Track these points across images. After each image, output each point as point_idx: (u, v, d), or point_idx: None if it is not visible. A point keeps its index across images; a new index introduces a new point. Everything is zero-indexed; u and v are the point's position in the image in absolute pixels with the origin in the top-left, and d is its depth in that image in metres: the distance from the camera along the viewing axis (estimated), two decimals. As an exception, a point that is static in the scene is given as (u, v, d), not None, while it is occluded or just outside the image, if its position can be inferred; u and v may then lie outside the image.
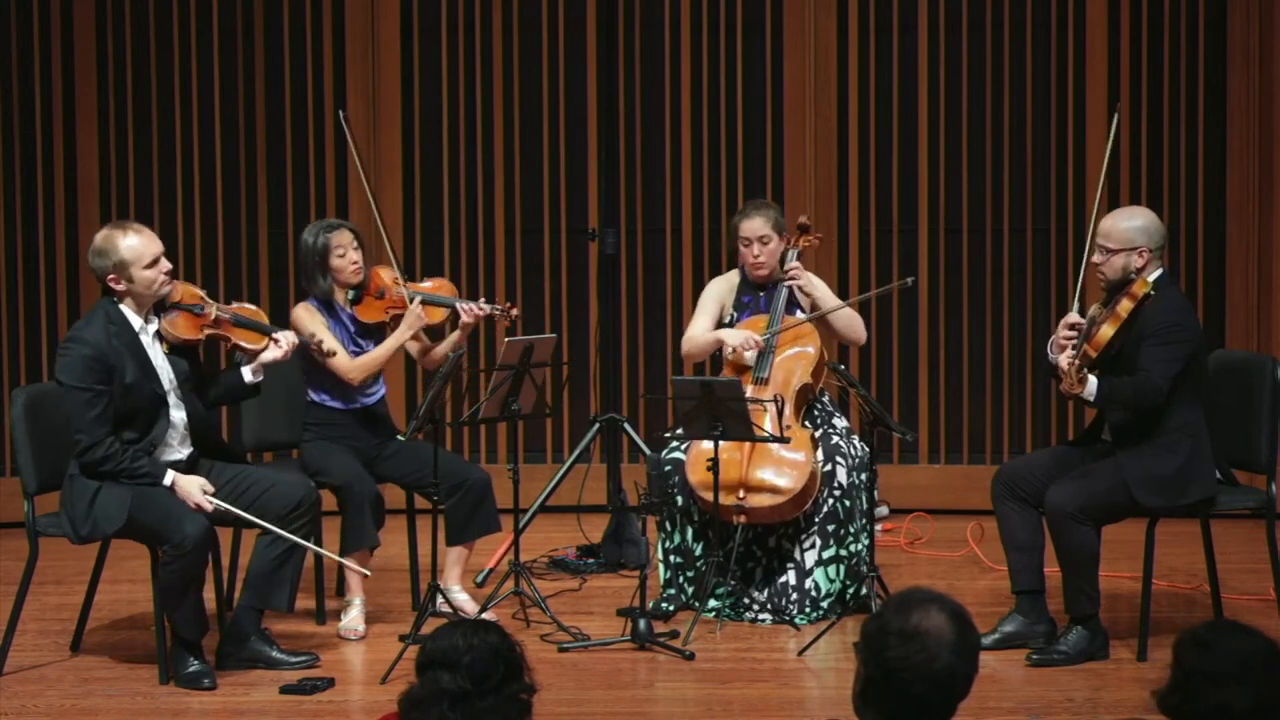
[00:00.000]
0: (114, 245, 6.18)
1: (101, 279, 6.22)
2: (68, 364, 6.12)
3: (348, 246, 6.84)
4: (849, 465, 6.91)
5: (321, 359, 6.65)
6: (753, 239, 7.12)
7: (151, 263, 6.19)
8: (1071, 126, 8.80)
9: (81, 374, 6.08)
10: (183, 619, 6.08)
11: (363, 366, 6.85)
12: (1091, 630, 6.34)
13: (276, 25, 8.89)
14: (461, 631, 3.46)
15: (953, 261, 8.92)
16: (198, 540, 5.98)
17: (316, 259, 6.83)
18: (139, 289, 6.19)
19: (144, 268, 6.18)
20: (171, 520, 6.01)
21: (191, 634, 6.10)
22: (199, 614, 6.14)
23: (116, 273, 6.17)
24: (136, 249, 6.18)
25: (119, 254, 6.17)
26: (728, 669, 6.31)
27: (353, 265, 6.85)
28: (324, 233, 6.85)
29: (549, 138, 8.95)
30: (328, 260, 6.83)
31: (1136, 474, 6.25)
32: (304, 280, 6.93)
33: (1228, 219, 8.76)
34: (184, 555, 5.97)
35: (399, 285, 6.93)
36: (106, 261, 6.17)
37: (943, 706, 3.26)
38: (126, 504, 6.03)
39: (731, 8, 8.88)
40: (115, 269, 6.17)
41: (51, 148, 8.86)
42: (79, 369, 6.08)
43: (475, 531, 6.84)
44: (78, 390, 6.07)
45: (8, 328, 8.87)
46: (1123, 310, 6.25)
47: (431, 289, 7.02)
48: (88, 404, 6.06)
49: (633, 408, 8.77)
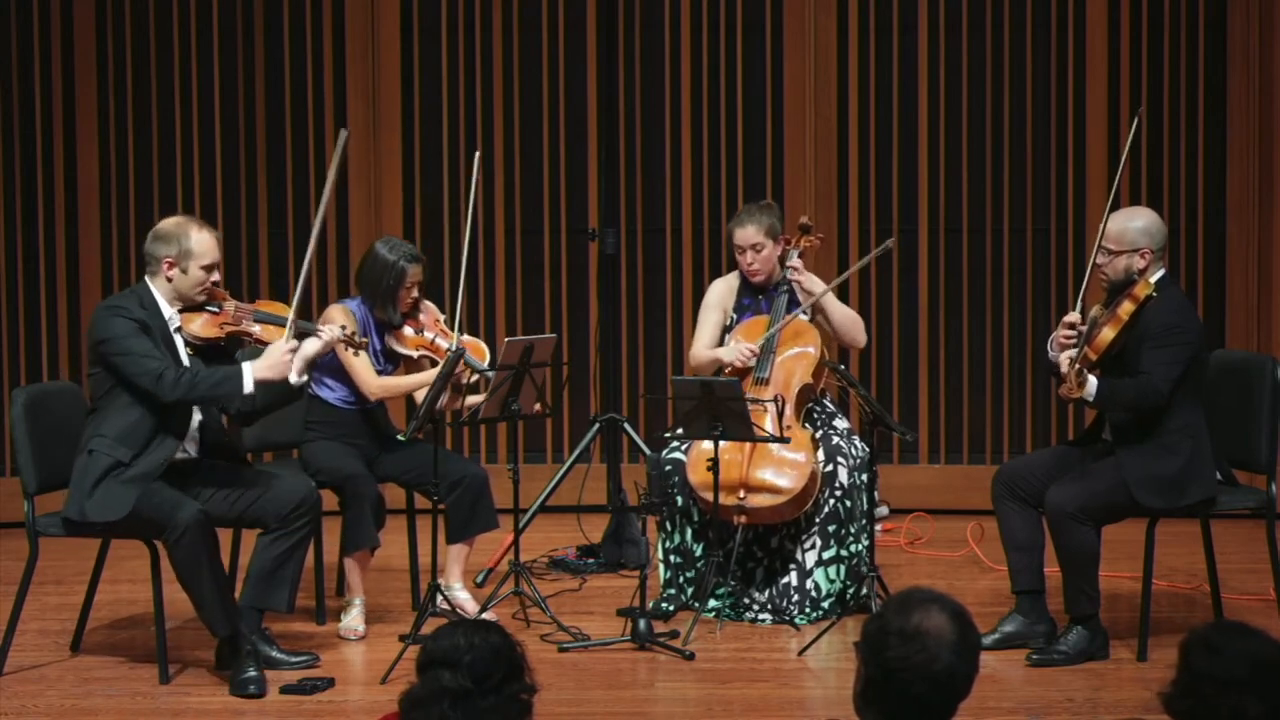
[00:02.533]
0: (186, 233, 6.18)
1: (154, 261, 6.18)
2: (109, 324, 6.08)
3: (416, 283, 6.83)
4: (850, 465, 6.91)
5: (352, 350, 6.57)
6: (745, 247, 7.12)
7: (210, 265, 6.20)
8: (1071, 126, 8.80)
9: (125, 332, 6.07)
10: (212, 614, 6.04)
11: (385, 387, 6.86)
12: (1091, 630, 6.34)
13: (276, 25, 8.89)
14: (463, 631, 3.46)
15: (953, 261, 8.92)
16: (191, 521, 5.97)
17: (393, 283, 6.79)
18: (186, 285, 6.19)
19: (202, 267, 6.18)
20: (167, 508, 6.00)
21: (223, 628, 6.08)
22: (226, 605, 6.09)
23: (176, 260, 6.16)
24: (206, 245, 6.19)
25: (189, 242, 6.17)
26: (728, 669, 6.31)
27: (411, 299, 6.85)
28: (405, 262, 6.79)
29: (549, 138, 8.95)
30: (399, 290, 6.81)
31: (1137, 474, 6.25)
32: (366, 295, 6.85)
33: (1228, 219, 8.76)
34: (183, 535, 5.95)
35: (443, 332, 6.89)
36: (172, 247, 6.16)
37: (943, 706, 3.26)
38: (132, 500, 6.02)
39: (731, 8, 8.88)
40: (179, 256, 6.16)
41: (51, 148, 8.86)
42: (122, 328, 6.07)
43: (475, 528, 6.85)
44: (127, 341, 6.05)
45: (8, 328, 8.87)
46: (1124, 313, 6.24)
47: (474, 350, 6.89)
48: (143, 353, 6.04)
49: (633, 408, 8.78)
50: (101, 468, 6.05)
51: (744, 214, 7.20)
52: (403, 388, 6.92)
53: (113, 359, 6.08)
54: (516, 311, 8.99)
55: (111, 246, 8.88)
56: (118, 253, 8.88)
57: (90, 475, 6.06)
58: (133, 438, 6.08)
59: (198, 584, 6.01)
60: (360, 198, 8.84)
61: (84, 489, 6.08)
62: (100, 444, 6.08)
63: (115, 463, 6.05)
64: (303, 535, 6.26)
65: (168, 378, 6.03)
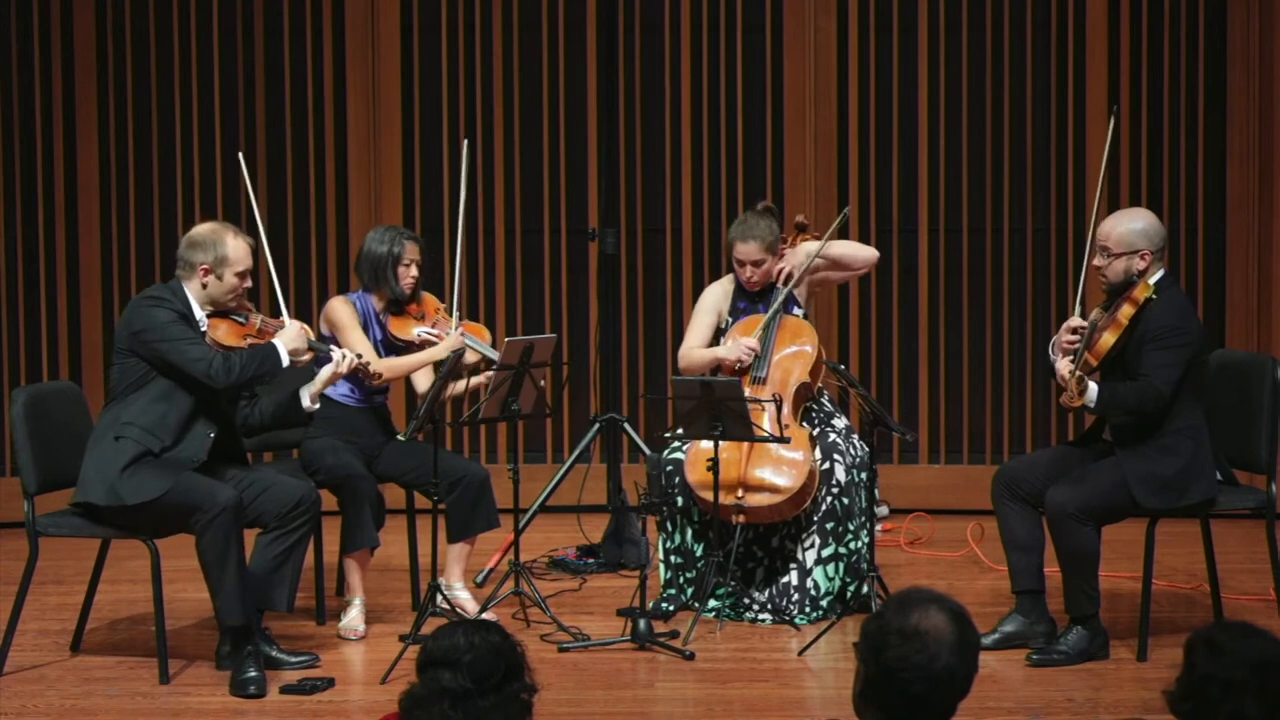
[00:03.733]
0: (223, 239, 6.23)
1: (191, 266, 6.21)
2: (152, 315, 6.14)
3: (414, 260, 6.90)
4: (847, 462, 6.91)
5: (367, 380, 6.69)
6: (746, 262, 7.11)
7: (244, 271, 6.23)
8: (1071, 126, 8.80)
9: (169, 322, 6.12)
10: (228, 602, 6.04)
11: (390, 366, 6.90)
12: (1091, 630, 6.34)
13: (276, 25, 8.89)
14: (463, 631, 3.46)
15: (953, 261, 8.92)
16: (229, 503, 6.02)
17: (391, 263, 6.88)
18: (220, 290, 6.23)
19: (236, 273, 6.22)
20: (204, 490, 6.04)
21: (237, 617, 6.07)
22: (244, 595, 6.09)
23: (212, 267, 6.20)
24: (241, 252, 6.24)
25: (225, 249, 6.21)
26: (728, 669, 6.31)
27: (411, 278, 6.92)
28: (400, 239, 6.92)
29: (549, 138, 8.95)
30: (397, 267, 6.88)
31: (1137, 474, 6.25)
32: (366, 280, 6.94)
33: (1228, 219, 8.76)
34: (219, 515, 5.99)
35: (445, 317, 6.96)
36: (208, 253, 6.20)
37: (943, 706, 3.26)
38: (168, 483, 6.05)
39: (731, 8, 8.88)
40: (215, 263, 6.20)
41: (51, 148, 8.86)
42: (165, 319, 6.12)
43: (476, 527, 6.85)
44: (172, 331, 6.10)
45: (8, 328, 8.87)
46: (1123, 317, 6.24)
47: (475, 331, 7.02)
48: (189, 342, 6.10)
49: (633, 408, 8.78)
50: (131, 454, 6.09)
51: (746, 226, 7.13)
52: (405, 367, 6.96)
53: (157, 346, 6.13)
54: (516, 311, 8.99)
55: (111, 246, 8.89)
56: (118, 253, 8.88)
57: (119, 460, 6.09)
58: (163, 428, 6.14)
59: (222, 569, 6.03)
60: (360, 198, 8.84)
61: (112, 473, 6.08)
62: (130, 431, 6.12)
63: (145, 450, 6.09)
64: (302, 534, 6.27)
65: (217, 363, 6.11)
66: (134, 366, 6.18)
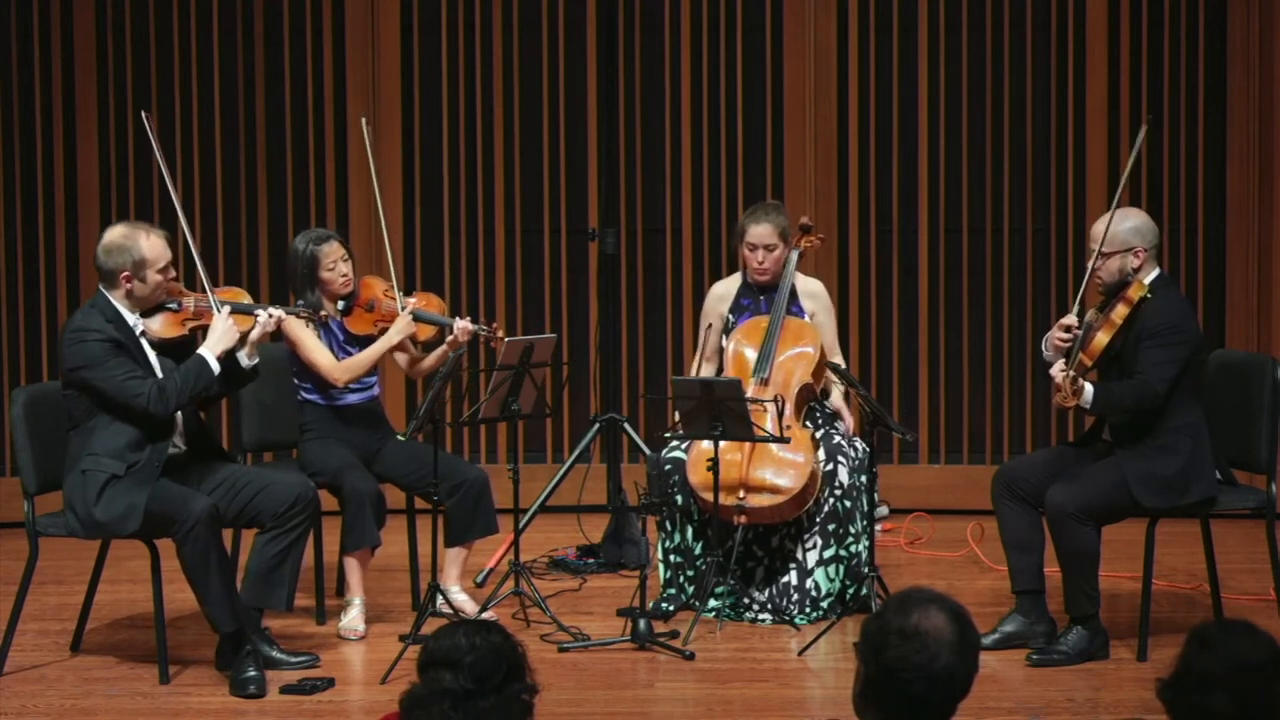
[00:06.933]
0: (137, 243, 6.17)
1: (111, 274, 6.18)
2: (84, 351, 6.07)
3: (337, 259, 6.85)
4: (850, 465, 6.91)
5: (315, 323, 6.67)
6: (759, 245, 7.11)
7: (165, 267, 6.20)
8: (1071, 126, 8.80)
9: (103, 355, 6.06)
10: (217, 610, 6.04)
11: (348, 368, 6.86)
12: (1091, 630, 6.34)
13: (276, 25, 8.89)
14: (464, 631, 3.46)
15: (953, 261, 8.92)
16: (203, 514, 5.99)
17: (306, 271, 6.84)
18: (146, 291, 6.19)
19: (158, 271, 6.18)
20: (178, 501, 6.02)
21: (227, 624, 6.06)
22: (232, 602, 6.08)
23: (133, 271, 6.16)
24: (158, 250, 6.19)
25: (140, 252, 6.16)
26: (728, 669, 6.31)
27: (342, 278, 6.87)
28: (313, 245, 6.86)
29: (549, 138, 8.95)
30: (317, 273, 6.84)
31: (1137, 474, 6.25)
32: (292, 289, 6.95)
33: (1228, 219, 8.76)
34: (194, 527, 5.96)
35: (390, 298, 6.93)
36: (125, 258, 6.15)
37: (943, 706, 3.26)
38: (142, 505, 6.02)
39: (731, 8, 8.88)
40: (134, 267, 6.15)
41: (51, 148, 8.86)
42: (98, 352, 6.06)
43: (476, 532, 6.85)
44: (107, 366, 6.04)
45: (8, 328, 8.87)
46: (1117, 316, 6.24)
47: (422, 305, 6.99)
48: (125, 376, 6.05)
49: (633, 408, 8.77)
50: (99, 483, 6.06)
51: (760, 211, 7.19)
52: (365, 363, 6.89)
53: (95, 384, 6.08)
54: (516, 311, 8.99)
55: (111, 246, 8.87)
56: (118, 253, 8.87)
57: (89, 493, 6.07)
58: (124, 452, 6.09)
59: (205, 578, 6.01)
60: (360, 198, 8.83)
61: (86, 504, 6.07)
62: (92, 462, 6.09)
63: (110, 476, 6.06)
64: (300, 534, 6.26)
65: (153, 396, 6.05)
66: (83, 398, 6.14)
